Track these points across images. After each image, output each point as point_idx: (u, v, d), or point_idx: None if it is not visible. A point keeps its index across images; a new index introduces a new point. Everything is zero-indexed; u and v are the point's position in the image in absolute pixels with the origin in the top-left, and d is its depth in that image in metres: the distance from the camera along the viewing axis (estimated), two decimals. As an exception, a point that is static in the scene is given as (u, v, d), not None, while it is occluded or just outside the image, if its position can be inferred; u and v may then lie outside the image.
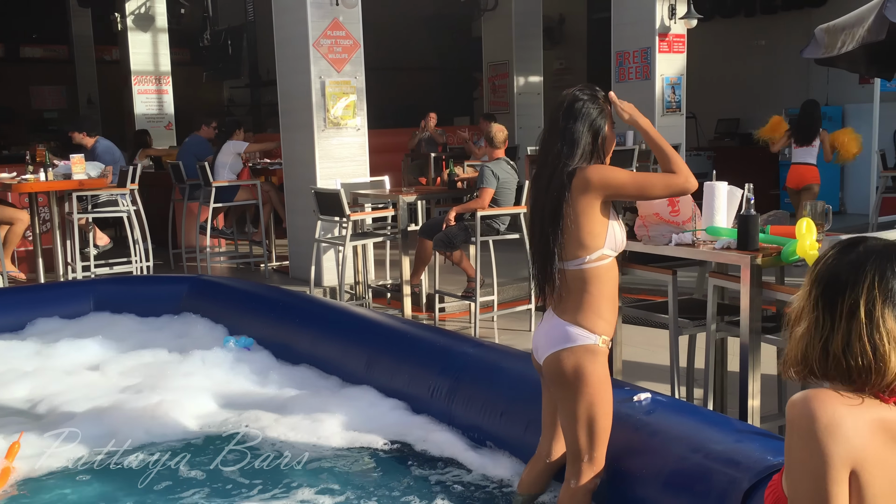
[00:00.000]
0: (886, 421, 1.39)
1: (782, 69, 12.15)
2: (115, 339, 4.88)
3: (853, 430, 1.36)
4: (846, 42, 3.98)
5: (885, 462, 1.37)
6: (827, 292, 1.42)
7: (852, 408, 1.39)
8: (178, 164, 8.37)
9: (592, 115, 2.55)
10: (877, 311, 1.38)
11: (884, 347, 1.37)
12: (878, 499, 1.37)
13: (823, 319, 1.42)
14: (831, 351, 1.40)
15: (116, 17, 12.04)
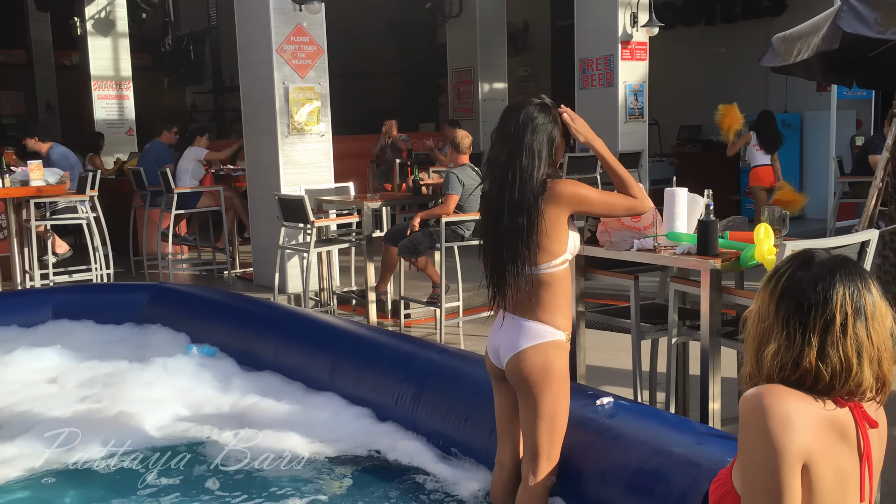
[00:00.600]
0: (835, 419, 1.44)
1: (742, 77, 12.35)
2: (74, 348, 4.79)
3: (804, 424, 1.41)
4: (802, 51, 4.06)
5: (833, 457, 1.42)
6: (799, 310, 1.45)
7: (803, 403, 1.44)
8: (140, 170, 8.27)
9: (548, 126, 2.63)
10: (849, 324, 1.43)
11: (854, 358, 1.43)
12: (824, 494, 1.41)
13: (796, 336, 1.45)
14: (803, 364, 1.44)
15: (76, 22, 11.86)
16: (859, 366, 1.43)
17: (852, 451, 1.45)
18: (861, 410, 1.47)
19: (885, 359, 1.46)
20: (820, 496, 1.41)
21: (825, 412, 1.44)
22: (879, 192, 6.46)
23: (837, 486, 1.43)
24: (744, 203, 11.25)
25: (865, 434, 1.45)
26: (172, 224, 7.99)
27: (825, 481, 1.42)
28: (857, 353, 1.43)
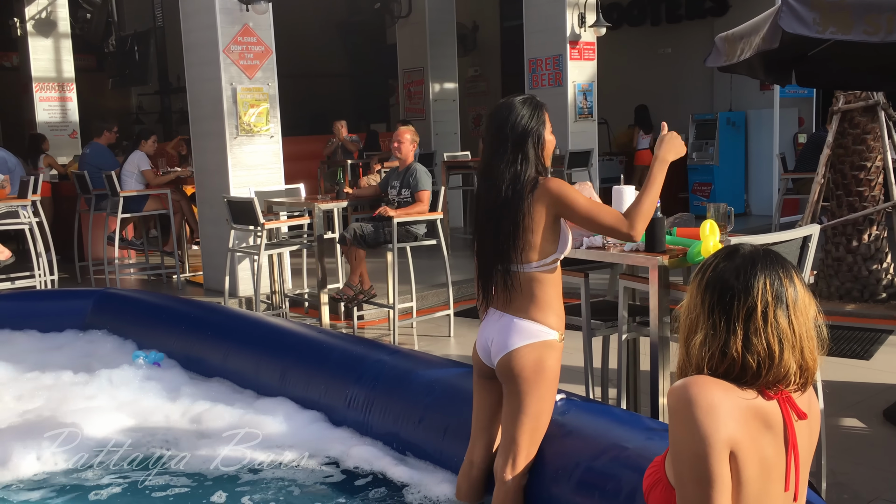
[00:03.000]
0: (761, 409, 1.47)
1: (688, 76, 12.57)
2: (14, 359, 4.62)
3: (730, 413, 1.44)
4: (744, 50, 4.13)
5: (758, 447, 1.45)
6: (722, 300, 1.49)
7: (729, 392, 1.47)
8: (83, 174, 8.07)
9: (533, 124, 2.63)
10: (770, 312, 1.47)
11: (777, 345, 1.47)
12: (749, 483, 1.44)
13: (721, 325, 1.49)
14: (729, 353, 1.47)
15: (15, 22, 11.54)
16: (781, 353, 1.46)
17: (778, 441, 1.47)
18: (790, 402, 1.50)
19: (807, 348, 1.50)
20: (745, 485, 1.44)
21: (750, 402, 1.47)
22: (821, 188, 6.64)
23: (762, 475, 1.45)
24: (691, 200, 11.46)
25: (791, 425, 1.48)
26: (119, 228, 7.82)
27: (750, 470, 1.44)
28: (779, 340, 1.47)
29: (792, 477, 1.47)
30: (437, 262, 6.32)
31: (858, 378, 4.80)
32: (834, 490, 3.35)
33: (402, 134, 6.00)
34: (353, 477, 3.28)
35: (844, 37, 3.52)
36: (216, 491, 3.17)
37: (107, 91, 15.50)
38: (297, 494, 3.17)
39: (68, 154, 11.16)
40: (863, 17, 3.43)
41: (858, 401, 4.40)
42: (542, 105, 2.69)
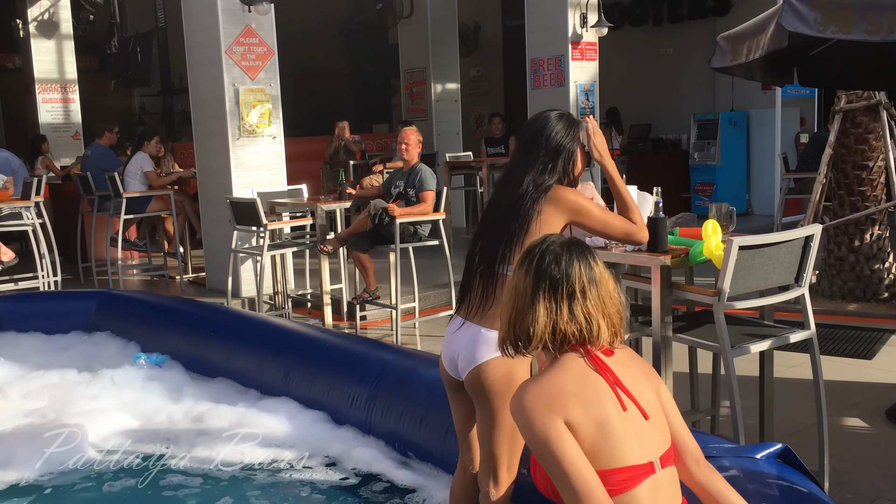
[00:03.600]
0: (575, 378, 1.78)
1: (690, 76, 12.56)
2: (19, 359, 4.66)
3: (553, 402, 1.74)
4: (752, 50, 4.12)
5: (584, 405, 1.74)
6: (550, 285, 1.83)
7: (548, 386, 1.78)
8: (86, 175, 8.09)
9: (573, 147, 2.63)
10: (587, 291, 1.83)
11: (594, 315, 1.82)
12: (596, 432, 1.72)
13: (552, 307, 1.82)
14: (559, 328, 1.81)
15: (18, 24, 11.56)
16: (598, 320, 1.81)
17: (597, 383, 1.77)
18: (596, 353, 1.82)
19: (615, 313, 1.84)
20: (597, 434, 1.72)
21: (565, 380, 1.77)
22: (823, 188, 6.64)
23: (601, 424, 1.73)
24: (693, 200, 11.46)
25: (599, 361, 1.79)
26: (122, 229, 7.83)
27: (588, 427, 1.72)
28: (596, 311, 1.82)
29: (623, 398, 1.76)
30: (439, 262, 6.33)
31: (861, 378, 4.80)
32: (837, 489, 3.35)
33: (408, 135, 6.01)
34: (354, 478, 3.29)
35: (845, 36, 3.52)
36: (218, 491, 3.18)
37: (109, 92, 15.51)
38: (299, 495, 3.18)
39: (71, 155, 11.18)
40: (864, 16, 3.44)
41: (861, 400, 4.40)
42: (578, 123, 2.67)
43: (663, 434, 1.80)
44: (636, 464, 1.71)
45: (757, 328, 3.40)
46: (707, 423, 3.91)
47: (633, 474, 1.70)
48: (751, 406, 3.57)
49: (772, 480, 2.38)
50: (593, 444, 1.71)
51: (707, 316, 3.50)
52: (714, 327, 3.21)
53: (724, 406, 3.96)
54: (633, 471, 1.70)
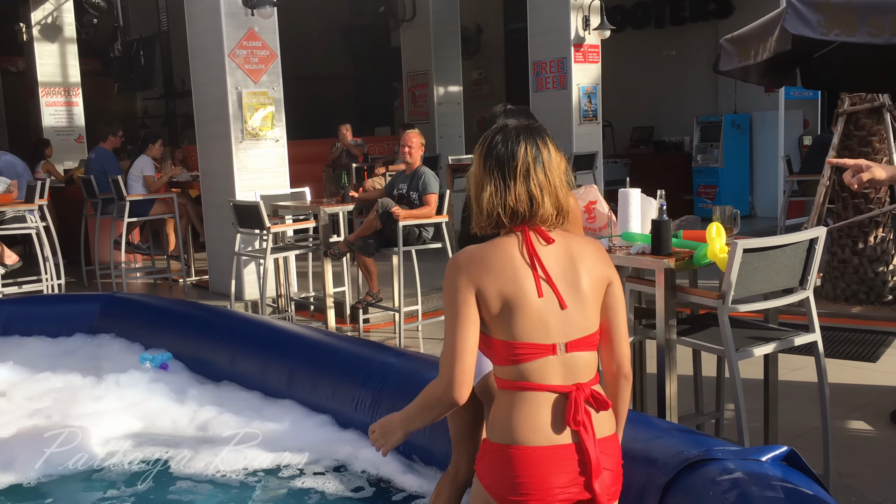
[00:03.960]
0: (504, 254, 1.91)
1: (692, 78, 12.57)
2: (24, 362, 4.66)
3: (474, 268, 1.89)
4: (759, 52, 4.13)
5: (501, 281, 1.88)
6: (498, 164, 1.94)
7: (480, 253, 1.92)
8: (90, 178, 8.10)
9: None
10: (531, 170, 1.92)
11: (538, 194, 1.92)
12: (501, 305, 1.87)
13: (500, 184, 1.93)
14: (508, 203, 1.92)
15: (22, 27, 11.59)
16: (542, 199, 1.91)
17: (521, 269, 1.89)
18: (539, 232, 1.93)
19: (561, 194, 1.95)
20: (504, 307, 1.87)
21: (496, 256, 1.91)
22: (827, 191, 6.63)
23: (507, 304, 1.87)
24: (696, 203, 11.46)
25: (532, 247, 1.90)
26: (125, 232, 7.84)
27: (494, 299, 1.87)
28: (540, 190, 1.92)
29: (543, 285, 1.88)
30: (441, 265, 6.28)
31: (865, 380, 4.80)
32: (841, 492, 3.35)
33: (411, 138, 6.01)
34: (360, 481, 3.29)
35: (849, 38, 3.53)
36: (224, 495, 3.18)
37: (112, 95, 15.57)
38: (304, 499, 3.18)
39: (74, 159, 11.20)
40: (867, 18, 3.44)
41: (865, 403, 4.39)
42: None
43: (581, 323, 1.90)
44: (537, 342, 1.85)
45: (761, 331, 3.40)
46: (711, 427, 3.90)
47: (532, 350, 1.85)
48: (755, 409, 3.57)
49: (777, 483, 2.37)
50: (498, 316, 1.87)
51: (711, 319, 3.50)
52: (718, 330, 3.21)
53: (729, 409, 3.96)
54: (532, 347, 1.85)
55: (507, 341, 1.87)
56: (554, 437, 1.82)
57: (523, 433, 1.82)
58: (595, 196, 3.58)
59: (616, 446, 1.93)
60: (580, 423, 1.81)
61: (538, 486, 1.80)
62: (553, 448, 1.81)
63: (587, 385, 1.87)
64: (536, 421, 1.83)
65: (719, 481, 2.36)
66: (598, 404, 1.87)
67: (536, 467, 1.80)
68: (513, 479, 1.81)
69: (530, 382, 1.85)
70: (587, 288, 1.92)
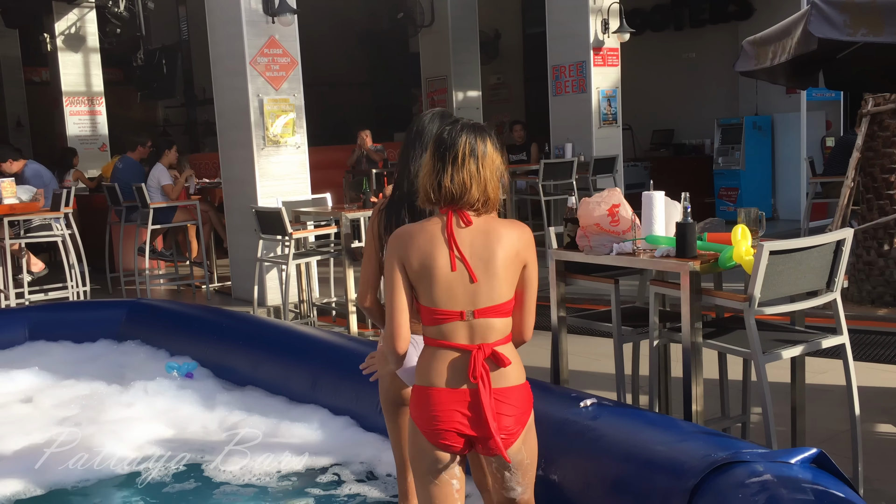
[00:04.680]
0: (429, 232, 2.26)
1: (712, 80, 12.50)
2: (51, 369, 4.71)
3: (403, 242, 2.26)
4: (777, 54, 4.10)
5: (422, 253, 2.23)
6: (439, 150, 2.29)
7: (410, 231, 2.28)
8: (115, 186, 8.19)
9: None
10: (466, 161, 2.26)
11: (469, 180, 2.24)
12: (421, 272, 2.23)
13: (437, 167, 2.27)
14: (443, 184, 2.25)
15: (46, 38, 11.75)
16: (471, 187, 2.24)
17: (439, 246, 2.23)
18: (461, 214, 2.25)
19: (490, 186, 2.27)
20: (422, 274, 2.23)
21: (420, 234, 2.26)
22: (851, 192, 6.57)
23: (423, 273, 2.23)
24: (717, 205, 11.39)
25: (451, 227, 2.23)
26: (149, 239, 7.92)
27: (416, 267, 2.24)
28: (470, 178, 2.24)
29: (458, 261, 2.22)
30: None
31: (891, 383, 4.74)
32: (870, 496, 3.31)
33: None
34: (386, 482, 3.30)
35: (876, 38, 3.50)
36: (256, 497, 3.20)
37: (134, 104, 15.71)
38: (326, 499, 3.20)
39: (97, 167, 11.32)
40: (894, 17, 3.41)
41: (892, 406, 4.35)
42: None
43: (489, 294, 2.23)
44: (446, 308, 2.23)
45: (788, 334, 3.37)
46: (737, 431, 3.88)
47: (443, 316, 2.23)
48: (781, 413, 3.54)
49: (807, 485, 2.35)
50: (416, 281, 2.25)
51: (736, 322, 3.48)
52: (744, 333, 3.19)
53: (755, 413, 3.93)
54: (443, 313, 2.23)
55: (426, 306, 2.26)
56: (457, 384, 2.22)
57: (434, 378, 2.23)
58: (618, 199, 3.57)
59: (520, 394, 2.27)
60: (478, 376, 2.19)
61: (442, 419, 2.22)
62: (455, 391, 2.22)
63: (490, 346, 2.23)
64: (444, 370, 2.23)
65: (748, 484, 2.35)
66: (498, 361, 2.23)
67: (442, 404, 2.22)
68: (428, 412, 2.23)
69: (442, 340, 2.24)
70: (500, 265, 2.24)
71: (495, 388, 2.22)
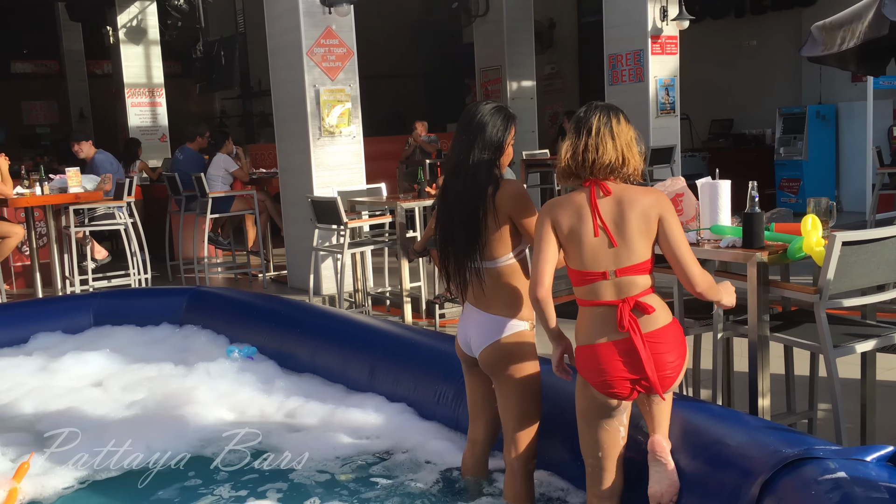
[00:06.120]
0: (575, 201, 2.60)
1: (774, 69, 12.19)
2: (118, 352, 4.84)
3: (554, 209, 2.61)
4: (846, 39, 3.98)
5: (570, 218, 2.58)
6: (576, 126, 2.62)
7: (560, 200, 2.64)
8: (175, 175, 8.35)
9: (499, 130, 2.85)
10: (602, 131, 2.57)
11: (604, 147, 2.56)
12: (568, 234, 2.59)
13: (576, 141, 2.60)
14: (578, 153, 2.59)
15: (108, 31, 12.02)
16: (606, 151, 2.55)
17: (585, 213, 2.57)
18: (601, 185, 2.58)
19: (627, 153, 2.58)
20: (567, 236, 2.59)
21: (569, 201, 2.61)
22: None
23: (570, 236, 2.58)
24: (778, 197, 11.12)
25: (594, 197, 2.57)
26: (207, 227, 8.06)
27: (565, 230, 2.59)
28: (605, 145, 2.56)
29: (600, 229, 2.54)
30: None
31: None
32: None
33: None
34: (441, 467, 3.31)
35: (955, 22, 3.36)
36: (313, 480, 3.24)
37: (192, 96, 16.01)
38: (381, 483, 3.21)
39: (158, 157, 11.56)
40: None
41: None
42: (512, 116, 2.91)
43: (629, 255, 2.53)
44: (590, 270, 2.55)
45: (858, 328, 3.27)
46: (804, 427, 3.78)
47: (590, 276, 2.55)
48: (849, 410, 3.43)
49: (883, 484, 2.27)
50: (565, 244, 2.60)
51: (804, 315, 3.38)
52: (812, 327, 3.10)
53: (822, 410, 3.82)
54: (589, 274, 2.55)
55: (575, 269, 2.59)
56: (613, 336, 2.51)
57: (594, 336, 2.54)
58: (682, 188, 3.50)
59: (671, 331, 2.54)
60: (627, 326, 2.48)
61: (608, 370, 2.50)
62: (613, 343, 2.51)
63: (633, 298, 2.52)
64: (600, 327, 2.53)
65: (821, 481, 2.28)
66: (642, 310, 2.51)
67: (605, 357, 2.51)
68: (595, 367, 2.52)
69: (592, 300, 2.56)
70: (634, 229, 2.54)
71: (646, 333, 2.49)
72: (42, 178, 6.93)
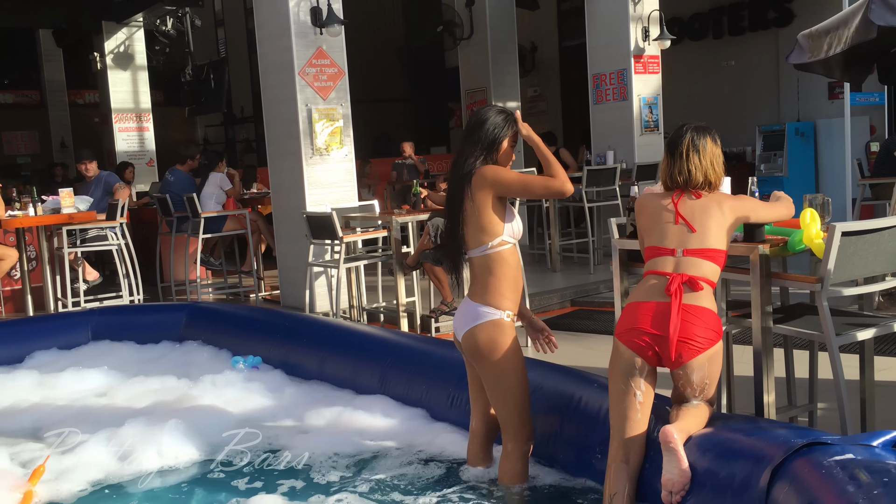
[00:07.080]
0: (664, 200, 2.97)
1: (753, 87, 12.44)
2: (118, 367, 4.83)
3: (647, 202, 3.01)
4: (833, 45, 4.11)
5: (656, 211, 2.95)
6: (669, 148, 2.98)
7: (654, 195, 3.02)
8: (165, 197, 8.36)
9: (497, 129, 2.99)
10: (690, 153, 2.92)
11: (692, 170, 2.92)
12: (651, 219, 2.97)
13: (669, 160, 2.97)
14: (673, 174, 2.95)
15: (95, 57, 12.07)
16: (694, 175, 2.91)
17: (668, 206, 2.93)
18: (688, 194, 2.94)
19: (711, 172, 2.93)
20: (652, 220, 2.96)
21: (660, 199, 2.97)
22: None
23: (652, 220, 2.96)
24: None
25: (675, 203, 2.91)
26: (200, 248, 8.06)
27: (644, 216, 2.99)
28: (693, 168, 2.91)
29: (680, 219, 2.87)
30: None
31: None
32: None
33: None
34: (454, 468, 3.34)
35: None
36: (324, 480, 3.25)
37: (175, 124, 16.07)
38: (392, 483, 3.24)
39: (146, 182, 11.56)
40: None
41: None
42: (513, 116, 3.05)
43: (701, 240, 2.83)
44: (661, 245, 2.88)
45: (858, 318, 3.35)
46: (805, 422, 3.84)
47: (659, 251, 2.88)
48: (849, 408, 3.50)
49: (891, 467, 2.33)
50: (645, 226, 2.97)
51: (805, 308, 3.47)
52: (812, 319, 3.18)
53: (821, 408, 3.89)
54: (659, 249, 2.88)
55: (649, 245, 2.93)
56: (656, 297, 2.76)
57: (640, 296, 2.81)
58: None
59: (708, 315, 2.74)
60: (672, 293, 2.72)
61: (636, 319, 2.75)
62: (652, 302, 2.75)
63: (688, 275, 2.77)
64: (649, 289, 2.79)
65: (829, 464, 2.33)
66: (692, 286, 2.75)
67: (640, 310, 2.76)
68: (627, 318, 2.78)
69: (654, 270, 2.84)
70: (713, 221, 2.85)
71: (686, 304, 2.71)
72: (35, 200, 6.93)
